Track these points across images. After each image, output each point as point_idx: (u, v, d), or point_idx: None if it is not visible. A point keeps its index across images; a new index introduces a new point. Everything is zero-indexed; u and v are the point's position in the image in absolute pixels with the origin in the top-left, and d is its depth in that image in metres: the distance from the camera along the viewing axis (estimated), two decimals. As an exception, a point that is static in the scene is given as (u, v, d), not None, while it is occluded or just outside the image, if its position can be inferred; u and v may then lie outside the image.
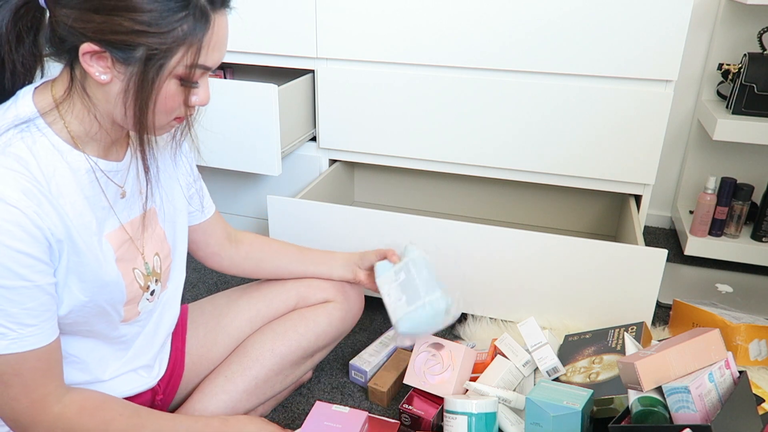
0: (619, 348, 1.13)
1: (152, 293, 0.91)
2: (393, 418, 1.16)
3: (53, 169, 0.73)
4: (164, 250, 0.94)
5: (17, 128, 0.72)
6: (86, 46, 0.69)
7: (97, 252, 0.79)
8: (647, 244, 1.55)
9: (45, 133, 0.74)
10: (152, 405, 1.02)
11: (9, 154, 0.70)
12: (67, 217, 0.74)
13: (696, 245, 1.74)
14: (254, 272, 1.16)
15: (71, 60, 0.74)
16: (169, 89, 0.74)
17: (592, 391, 0.98)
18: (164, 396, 1.03)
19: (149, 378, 0.97)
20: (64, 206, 0.74)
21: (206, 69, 0.76)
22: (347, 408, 1.05)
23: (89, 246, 0.78)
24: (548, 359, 1.13)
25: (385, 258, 1.22)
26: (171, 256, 0.96)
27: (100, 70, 0.71)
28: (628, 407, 0.89)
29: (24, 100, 0.75)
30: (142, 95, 0.72)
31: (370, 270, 1.19)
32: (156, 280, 0.92)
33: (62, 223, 0.73)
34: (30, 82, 0.79)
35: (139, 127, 0.75)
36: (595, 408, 1.02)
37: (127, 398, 0.94)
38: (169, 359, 1.04)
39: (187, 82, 0.74)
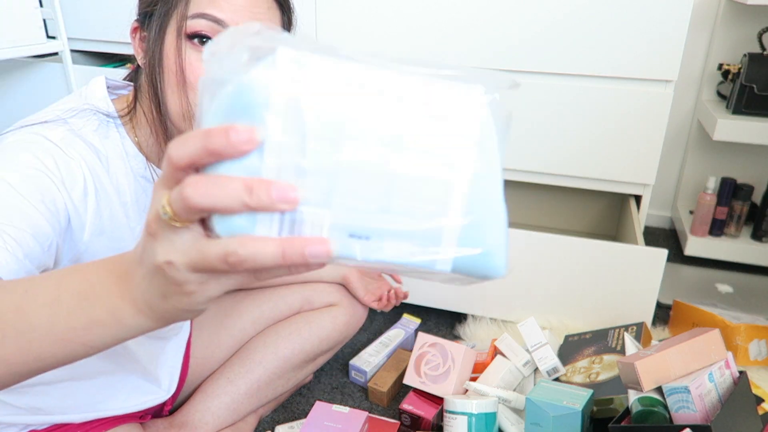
0: (619, 348, 1.13)
1: None
2: (393, 418, 1.16)
3: (119, 170, 0.74)
4: None
5: (97, 116, 0.72)
6: (131, 26, 0.72)
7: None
8: (647, 244, 1.55)
9: (120, 132, 0.75)
10: (160, 414, 1.02)
11: (84, 139, 0.70)
12: (103, 208, 0.73)
13: (696, 245, 1.74)
14: None
15: (138, 65, 0.76)
16: (168, 49, 0.68)
17: (592, 391, 0.98)
18: (172, 402, 1.04)
19: (160, 392, 0.96)
20: (114, 204, 0.73)
21: (213, 21, 0.67)
22: (347, 408, 1.05)
23: (114, 245, 0.76)
24: (548, 359, 1.13)
25: (383, 272, 1.21)
26: None
27: (139, 51, 0.73)
28: (628, 407, 0.89)
29: (99, 92, 0.75)
30: (148, 60, 0.70)
31: (363, 273, 1.19)
32: None
33: (98, 211, 0.71)
34: None
35: (157, 109, 0.70)
36: (595, 408, 1.02)
37: (138, 412, 0.94)
38: None
39: (188, 38, 0.68)
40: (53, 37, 1.59)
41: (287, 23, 0.75)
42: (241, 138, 0.32)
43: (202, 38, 0.68)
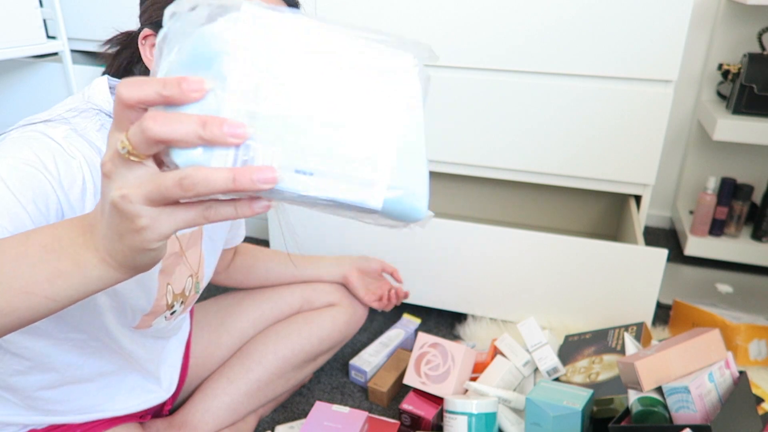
0: (619, 348, 1.13)
1: (173, 313, 0.89)
2: (393, 418, 1.16)
3: None
4: (200, 274, 0.92)
5: (99, 116, 0.72)
6: (142, 33, 0.73)
7: None
8: (647, 244, 1.55)
9: None
10: (160, 414, 1.02)
11: (86, 138, 0.70)
12: None
13: (696, 245, 1.74)
14: (246, 281, 1.16)
15: (145, 72, 0.76)
16: None
17: (592, 391, 0.98)
18: (172, 402, 1.04)
19: (161, 391, 0.96)
20: None
21: None
22: (347, 408, 1.05)
23: None
24: (548, 359, 1.13)
25: (383, 272, 1.22)
26: (203, 282, 0.95)
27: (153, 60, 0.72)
28: (628, 407, 0.89)
29: (101, 94, 0.75)
30: None
31: (363, 273, 1.19)
32: (181, 302, 0.90)
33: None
34: None
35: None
36: (595, 408, 1.02)
37: (138, 412, 0.94)
38: None
39: None
40: (53, 37, 1.59)
41: None
42: (191, 87, 0.36)
43: None
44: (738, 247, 1.71)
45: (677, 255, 1.83)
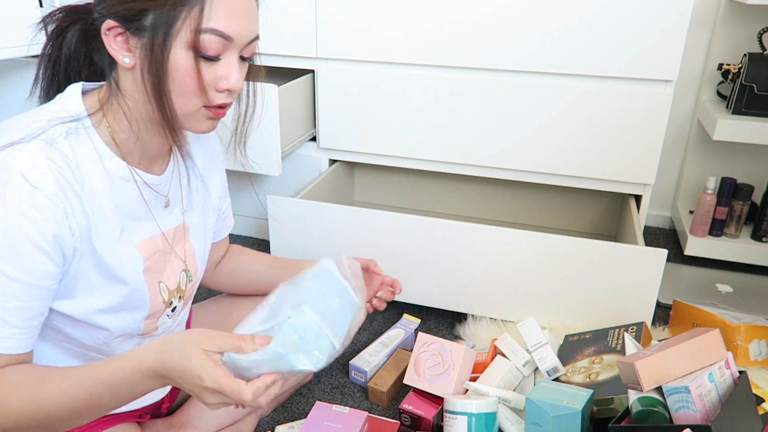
0: (619, 348, 1.13)
1: (173, 310, 0.89)
2: (393, 418, 1.16)
3: (91, 173, 0.73)
4: (192, 267, 0.92)
5: (65, 125, 0.72)
6: (106, 24, 0.70)
7: (115, 261, 0.77)
8: (647, 244, 1.55)
9: (90, 135, 0.74)
10: (159, 413, 1.02)
11: (56, 149, 0.70)
12: (92, 221, 0.73)
13: (696, 245, 1.74)
14: (232, 283, 1.13)
15: (110, 62, 0.74)
16: (179, 60, 0.70)
17: (592, 391, 0.98)
18: (170, 401, 1.03)
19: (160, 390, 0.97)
20: (93, 209, 0.73)
21: (222, 37, 0.70)
22: (347, 408, 1.05)
23: (110, 253, 0.76)
24: (548, 359, 1.13)
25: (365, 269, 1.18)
26: (197, 274, 0.94)
27: (123, 52, 0.71)
28: (628, 407, 0.89)
29: (72, 98, 0.75)
30: (155, 69, 0.70)
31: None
32: (179, 297, 0.90)
33: (86, 225, 0.73)
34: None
35: (161, 112, 0.72)
36: (595, 408, 1.02)
37: (137, 409, 0.94)
38: None
39: (199, 53, 0.70)
40: (53, 37, 1.59)
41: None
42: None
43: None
44: (738, 247, 1.71)
45: (677, 255, 1.83)
